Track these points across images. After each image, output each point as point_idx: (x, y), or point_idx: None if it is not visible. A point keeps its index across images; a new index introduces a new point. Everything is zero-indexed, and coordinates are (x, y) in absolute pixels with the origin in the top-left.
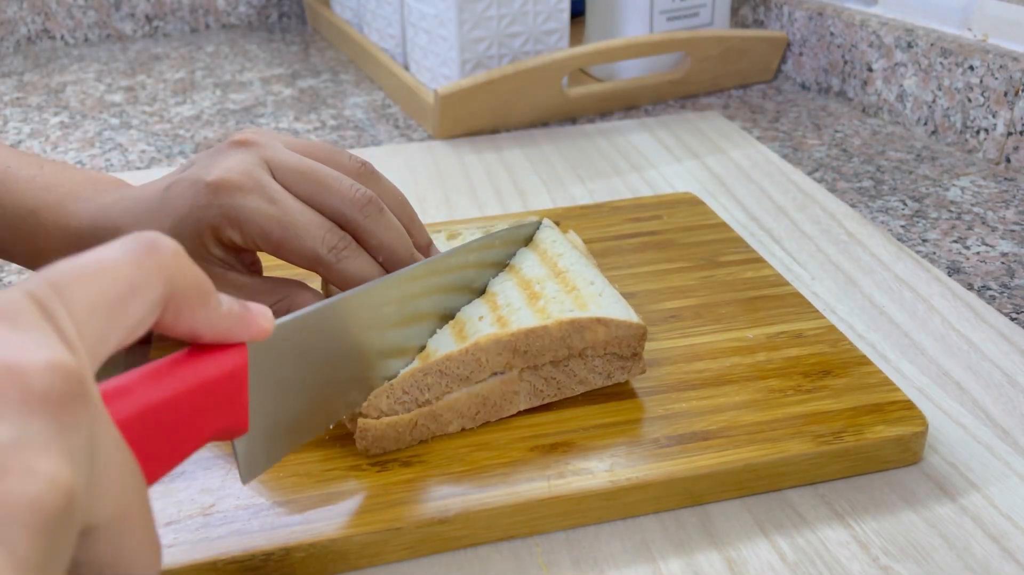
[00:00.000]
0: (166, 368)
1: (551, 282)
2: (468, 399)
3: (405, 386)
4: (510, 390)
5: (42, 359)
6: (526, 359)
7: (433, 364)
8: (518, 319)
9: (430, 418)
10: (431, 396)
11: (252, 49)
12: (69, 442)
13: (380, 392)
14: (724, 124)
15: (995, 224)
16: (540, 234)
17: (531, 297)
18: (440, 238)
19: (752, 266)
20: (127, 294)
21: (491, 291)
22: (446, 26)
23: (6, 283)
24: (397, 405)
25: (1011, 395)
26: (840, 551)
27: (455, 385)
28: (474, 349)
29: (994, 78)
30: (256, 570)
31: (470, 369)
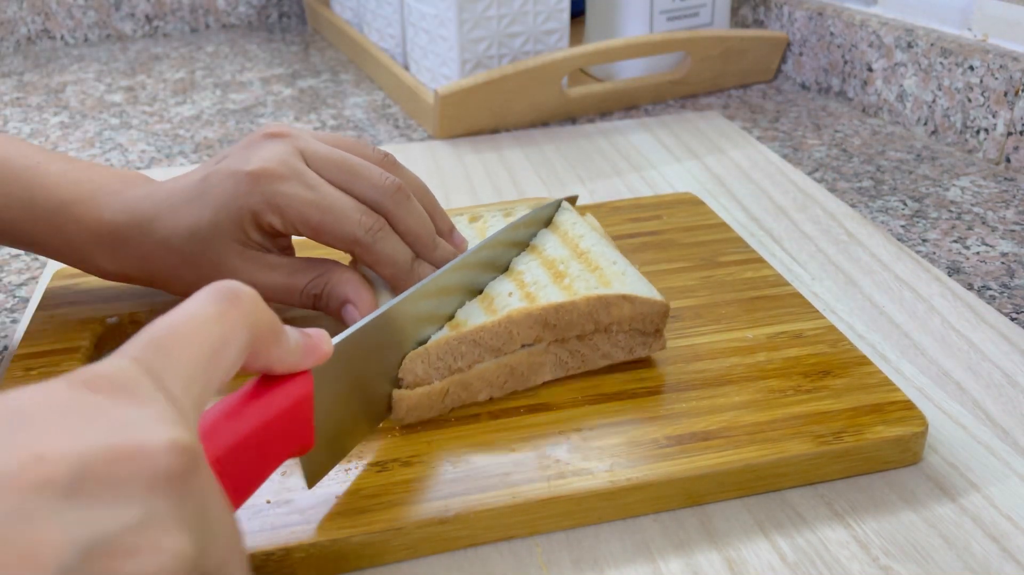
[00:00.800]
0: (244, 404)
1: (574, 262)
2: (497, 368)
3: (440, 352)
4: (537, 361)
5: (164, 439)
6: (555, 332)
7: (468, 333)
8: (546, 295)
9: (461, 386)
10: (463, 364)
11: (252, 49)
12: (187, 512)
13: (416, 356)
14: (724, 124)
15: (995, 224)
16: (559, 216)
17: (556, 276)
18: (462, 220)
19: (752, 266)
20: (221, 348)
21: (517, 270)
22: (446, 26)
23: (5, 283)
24: (432, 370)
25: (1011, 395)
26: (840, 551)
27: (487, 355)
28: (506, 322)
29: (994, 78)
30: (256, 570)
31: (502, 340)
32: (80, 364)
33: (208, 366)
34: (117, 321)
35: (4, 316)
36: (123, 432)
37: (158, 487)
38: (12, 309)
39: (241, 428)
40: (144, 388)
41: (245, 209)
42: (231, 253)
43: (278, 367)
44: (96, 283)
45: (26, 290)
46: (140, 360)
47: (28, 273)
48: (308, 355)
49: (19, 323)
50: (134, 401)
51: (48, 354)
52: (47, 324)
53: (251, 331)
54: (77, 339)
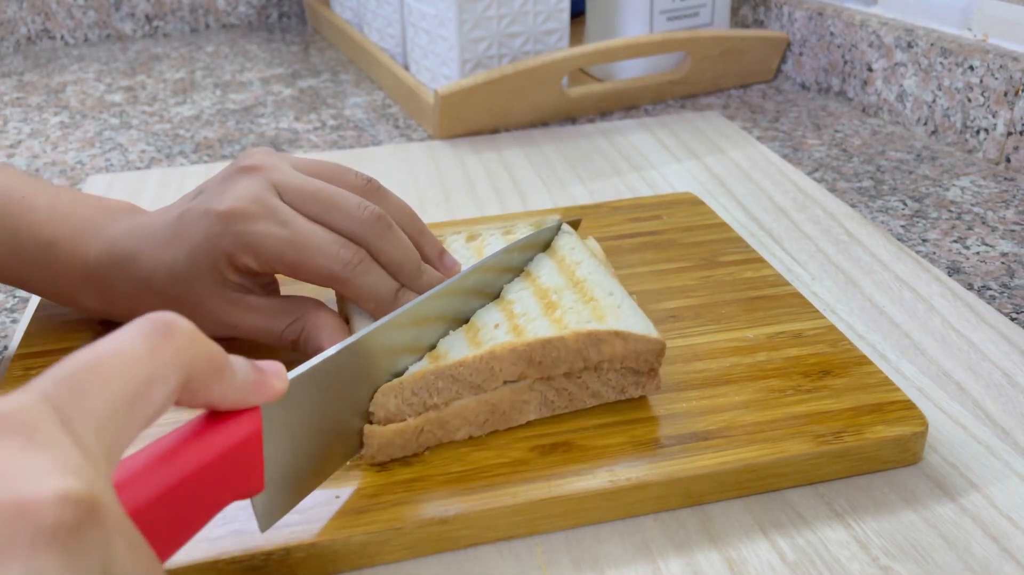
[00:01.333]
0: (179, 445)
1: (569, 292)
2: (477, 406)
3: (415, 387)
4: (520, 399)
5: (52, 490)
6: (540, 370)
7: (445, 368)
8: (534, 329)
9: (437, 424)
10: (439, 400)
11: (252, 49)
12: (80, 568)
13: (388, 391)
14: (724, 124)
15: (995, 224)
16: (559, 240)
17: (548, 307)
18: (460, 239)
19: (752, 266)
20: (146, 388)
21: (507, 298)
22: (446, 26)
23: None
24: (405, 406)
25: (1011, 395)
26: (840, 551)
27: (465, 391)
28: (488, 357)
29: (994, 78)
30: (256, 570)
31: (483, 377)
32: None
33: (129, 408)
34: (117, 321)
35: (4, 316)
36: (5, 483)
37: (42, 543)
38: (12, 309)
39: (173, 472)
40: (45, 430)
41: (219, 251)
42: (210, 294)
43: (221, 404)
44: None
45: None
46: (49, 397)
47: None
48: (257, 392)
49: (19, 323)
50: (29, 444)
51: (48, 354)
52: (47, 324)
53: (186, 368)
54: (76, 339)
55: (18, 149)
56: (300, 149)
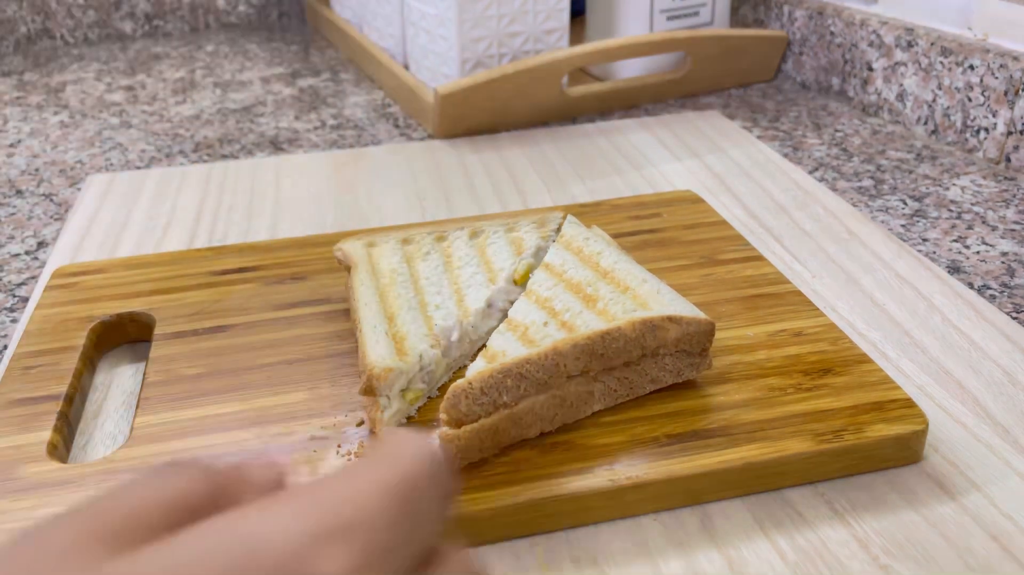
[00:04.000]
0: None
1: (602, 283)
2: (548, 401)
3: (484, 386)
4: (586, 391)
5: None
6: (603, 362)
7: (512, 366)
8: (584, 322)
9: (511, 422)
10: (509, 399)
11: (252, 48)
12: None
13: (458, 392)
14: (724, 123)
15: (995, 223)
16: (568, 231)
17: (588, 300)
18: (463, 235)
19: (752, 264)
20: None
21: (543, 295)
22: (446, 25)
23: (5, 282)
24: (476, 406)
25: (1012, 394)
26: (840, 550)
27: (533, 389)
28: (553, 354)
29: (994, 77)
30: None
31: (549, 373)
32: (79, 363)
33: None
34: (116, 320)
35: (4, 315)
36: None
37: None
38: (12, 308)
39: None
40: None
41: None
42: None
43: None
44: (95, 282)
45: (25, 289)
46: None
47: (28, 272)
48: None
49: (19, 322)
50: None
51: (47, 353)
52: (46, 323)
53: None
54: (76, 338)
55: (18, 148)
56: (300, 148)
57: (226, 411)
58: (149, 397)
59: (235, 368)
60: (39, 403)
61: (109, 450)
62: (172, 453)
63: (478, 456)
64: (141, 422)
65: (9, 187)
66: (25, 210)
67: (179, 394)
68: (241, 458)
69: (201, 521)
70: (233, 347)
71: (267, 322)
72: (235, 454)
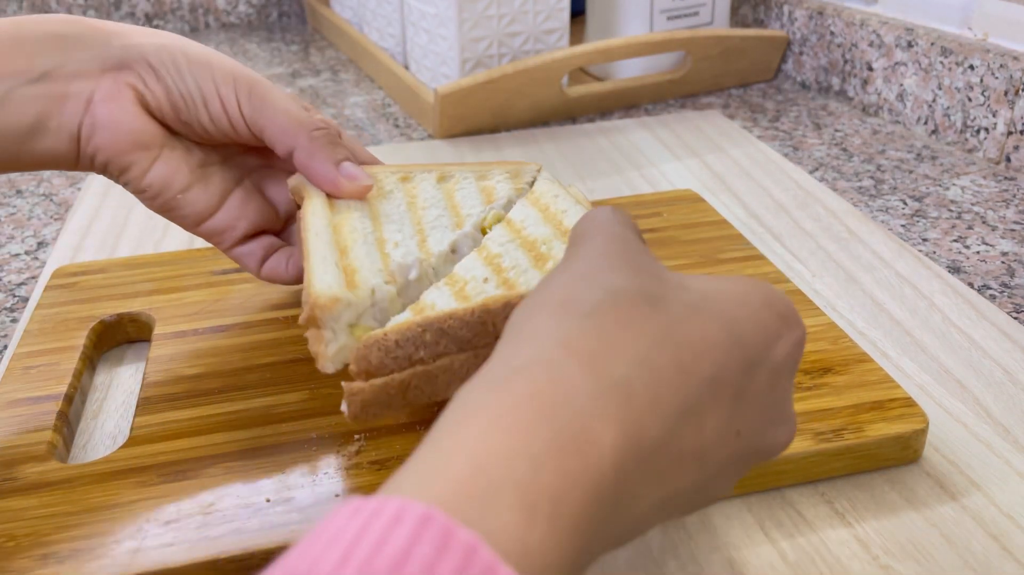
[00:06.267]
0: None
1: (558, 242)
2: (468, 361)
3: (400, 338)
4: None
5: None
6: None
7: (435, 320)
8: (526, 281)
9: (424, 379)
10: (426, 355)
11: (252, 48)
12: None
13: (371, 343)
14: (724, 123)
15: (995, 223)
16: (540, 187)
17: (538, 259)
18: (430, 179)
19: (752, 263)
20: None
21: (493, 252)
22: (446, 25)
23: (5, 282)
24: (389, 359)
25: (1012, 393)
26: (840, 550)
27: (455, 347)
28: (481, 311)
29: (994, 77)
30: (256, 569)
31: (475, 331)
32: (79, 363)
33: None
34: (116, 319)
35: (4, 315)
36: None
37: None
38: (12, 308)
39: None
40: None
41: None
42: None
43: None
44: (95, 282)
45: (25, 289)
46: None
47: (28, 272)
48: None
49: (19, 322)
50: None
51: (47, 352)
52: (46, 323)
53: None
54: (76, 338)
55: None
56: None
57: (226, 411)
58: (149, 397)
59: (235, 368)
60: (39, 403)
61: (109, 450)
62: (172, 453)
63: (385, 414)
64: (141, 422)
65: (9, 187)
66: (25, 210)
67: (179, 394)
68: None
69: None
70: (233, 347)
71: (266, 322)
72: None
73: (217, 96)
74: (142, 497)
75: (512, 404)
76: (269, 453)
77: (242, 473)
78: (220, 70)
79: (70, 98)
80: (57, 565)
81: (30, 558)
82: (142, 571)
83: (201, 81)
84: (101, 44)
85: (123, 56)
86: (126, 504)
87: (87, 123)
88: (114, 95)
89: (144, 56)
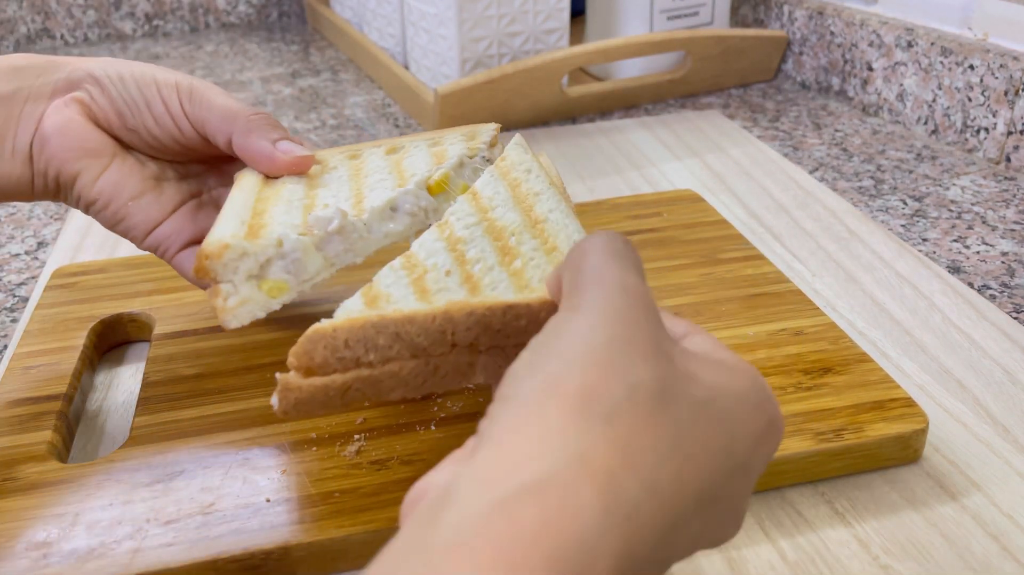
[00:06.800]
0: None
1: (528, 235)
2: (418, 367)
3: (350, 337)
4: (466, 362)
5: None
6: (497, 337)
7: (391, 322)
8: (492, 282)
9: (368, 383)
10: (375, 358)
11: (252, 48)
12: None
13: (317, 338)
14: (724, 123)
15: (995, 223)
16: (512, 156)
17: (505, 253)
18: (379, 152)
19: (752, 263)
20: None
21: (457, 235)
22: (446, 25)
23: (5, 282)
24: (334, 359)
25: (1012, 393)
26: (840, 550)
27: (407, 351)
28: (443, 319)
29: (994, 77)
30: (256, 569)
31: (432, 339)
32: (79, 363)
33: None
34: (116, 320)
35: (4, 315)
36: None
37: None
38: (12, 308)
39: None
40: None
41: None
42: None
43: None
44: (95, 282)
45: (25, 289)
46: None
47: (28, 272)
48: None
49: (19, 322)
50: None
51: (47, 352)
52: (46, 323)
53: None
54: (76, 338)
55: None
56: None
57: (226, 411)
58: (149, 397)
59: (235, 368)
60: (39, 403)
61: (109, 450)
62: (172, 453)
63: (318, 412)
64: (141, 422)
65: None
66: (25, 210)
67: (179, 394)
68: None
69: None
70: (233, 347)
71: (266, 322)
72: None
73: (159, 98)
74: (142, 497)
75: (519, 535)
76: (269, 453)
77: (242, 473)
78: (162, 78)
79: (23, 119)
80: (57, 565)
81: (30, 558)
82: (142, 571)
83: (143, 87)
84: (53, 71)
85: (71, 78)
86: (126, 504)
87: (37, 139)
88: (61, 110)
89: (90, 73)
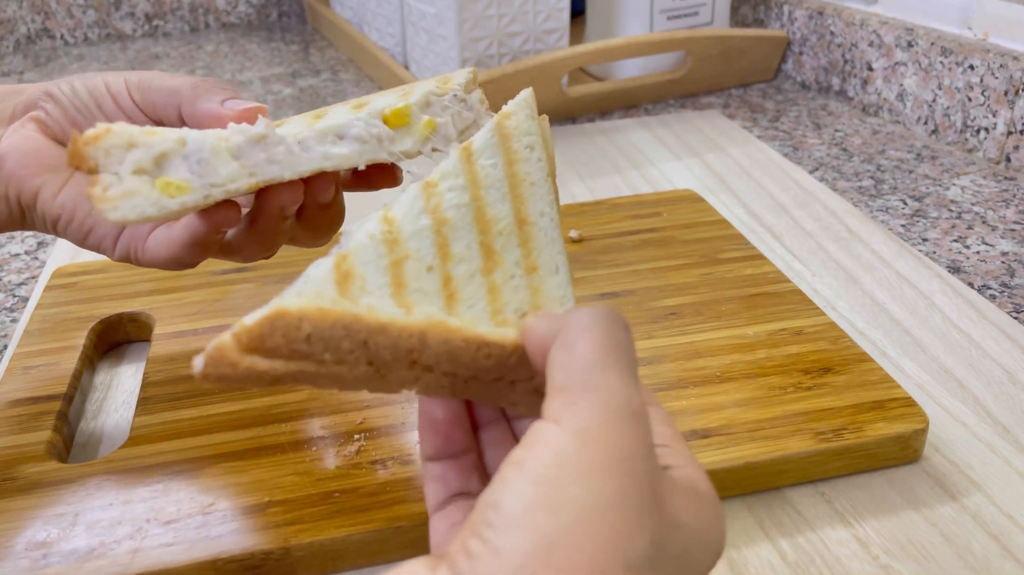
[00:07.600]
0: None
1: (513, 238)
2: (365, 373)
3: (315, 334)
4: (413, 376)
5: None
6: (457, 366)
7: (363, 329)
8: (468, 298)
9: (308, 377)
10: (331, 359)
11: (252, 48)
12: None
13: (277, 324)
14: (724, 123)
15: (995, 223)
16: (519, 124)
17: (488, 257)
18: (345, 107)
19: (752, 263)
20: None
21: (444, 214)
22: (446, 25)
23: (5, 282)
24: (287, 349)
25: (1012, 393)
26: (840, 550)
27: (364, 359)
28: (417, 340)
29: (994, 77)
30: (256, 569)
31: (396, 355)
32: (79, 363)
33: None
34: (116, 320)
35: (4, 315)
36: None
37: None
38: (12, 308)
39: None
40: None
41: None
42: None
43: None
44: (95, 282)
45: (25, 289)
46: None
47: (28, 272)
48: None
49: (19, 322)
50: None
51: (47, 352)
52: (46, 323)
53: None
54: (75, 338)
55: None
56: None
57: (226, 411)
58: (149, 397)
59: None
60: (39, 403)
61: (109, 450)
62: (172, 453)
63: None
64: (141, 422)
65: None
66: None
67: (179, 394)
68: None
69: None
70: None
71: None
72: None
73: (109, 97)
74: (142, 497)
75: None
76: (269, 453)
77: (242, 473)
78: (112, 78)
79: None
80: (57, 565)
81: (30, 558)
82: (142, 571)
83: (93, 91)
84: (14, 96)
85: (29, 100)
86: (126, 504)
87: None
88: (18, 130)
89: (45, 90)
